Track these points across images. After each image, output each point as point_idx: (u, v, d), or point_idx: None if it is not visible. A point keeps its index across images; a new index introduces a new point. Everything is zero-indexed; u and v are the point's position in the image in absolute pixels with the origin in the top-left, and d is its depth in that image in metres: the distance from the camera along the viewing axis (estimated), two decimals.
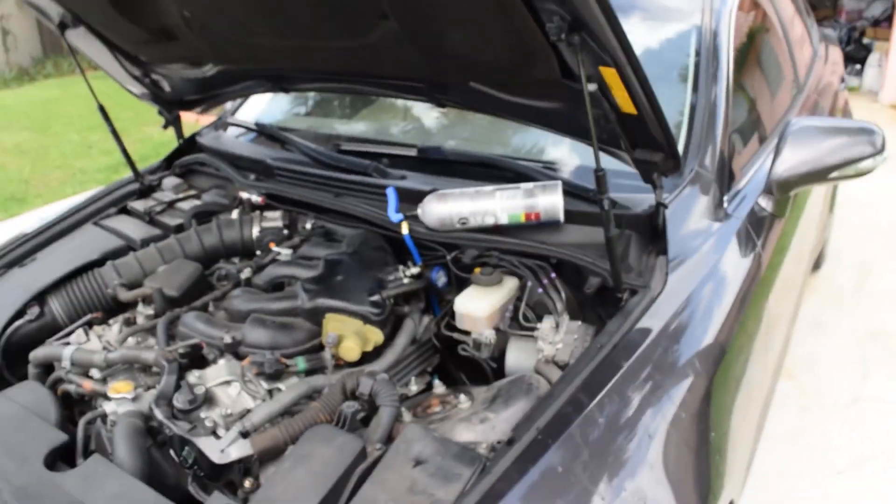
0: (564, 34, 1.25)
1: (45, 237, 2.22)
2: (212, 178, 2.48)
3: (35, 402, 1.57)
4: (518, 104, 1.70)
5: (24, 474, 1.34)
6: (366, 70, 1.90)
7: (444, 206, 1.80)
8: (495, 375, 1.80)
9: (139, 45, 2.22)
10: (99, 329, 1.88)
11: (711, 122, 2.02)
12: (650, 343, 1.50)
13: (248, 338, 1.69)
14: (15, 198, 6.03)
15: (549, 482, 1.20)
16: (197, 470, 1.40)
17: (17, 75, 11.05)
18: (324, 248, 1.98)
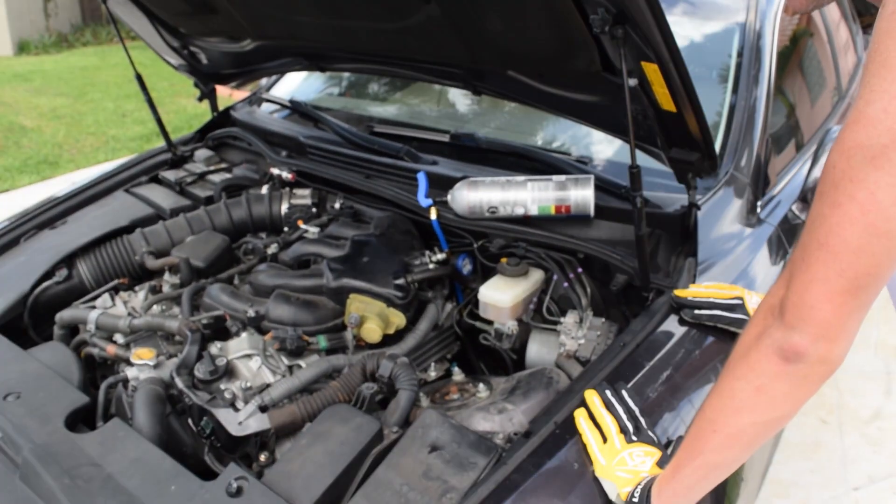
0: (608, 27, 1.23)
1: (76, 201, 2.25)
2: (243, 152, 2.49)
3: (59, 363, 1.59)
4: (555, 95, 1.69)
5: (45, 433, 1.35)
6: (404, 53, 1.89)
7: (474, 194, 1.79)
8: (515, 367, 1.80)
9: (179, 17, 2.23)
10: (125, 295, 1.90)
11: (750, 125, 1.99)
12: (673, 345, 1.49)
13: (272, 313, 1.70)
14: (48, 161, 6.10)
15: (563, 477, 1.19)
16: (214, 440, 1.41)
17: (56, 41, 11.16)
18: (351, 229, 1.98)
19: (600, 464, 1.19)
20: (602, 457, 1.20)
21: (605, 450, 1.21)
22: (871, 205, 0.83)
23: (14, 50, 10.56)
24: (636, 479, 1.15)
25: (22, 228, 2.11)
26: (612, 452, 1.20)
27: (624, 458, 1.19)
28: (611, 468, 1.18)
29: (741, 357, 1.00)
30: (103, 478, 1.25)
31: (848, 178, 0.85)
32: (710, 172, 1.60)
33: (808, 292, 0.89)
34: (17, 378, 1.50)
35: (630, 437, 1.22)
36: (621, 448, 1.20)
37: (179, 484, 1.24)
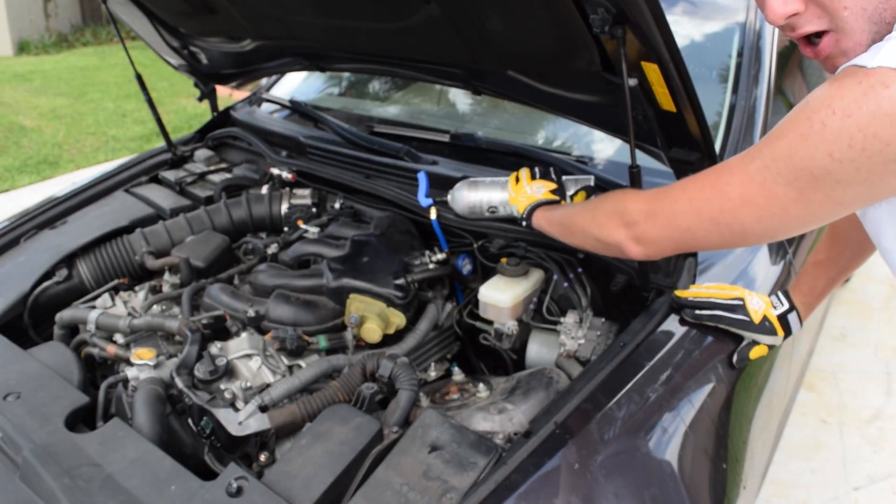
0: (608, 27, 1.23)
1: (76, 201, 2.25)
2: (243, 152, 2.49)
3: (59, 363, 1.59)
4: (555, 95, 1.69)
5: (45, 433, 1.35)
6: (404, 53, 1.89)
7: (473, 194, 1.79)
8: (515, 367, 1.80)
9: (179, 17, 2.23)
10: (125, 295, 1.90)
11: (750, 125, 1.99)
12: (673, 345, 1.49)
13: (272, 313, 1.70)
14: (48, 161, 6.10)
15: (564, 477, 1.19)
16: (214, 440, 1.41)
17: (56, 41, 11.16)
18: (351, 229, 1.98)
19: (511, 195, 1.69)
20: (511, 190, 1.70)
21: (516, 187, 1.68)
22: (725, 196, 1.04)
23: (14, 50, 10.56)
24: (528, 200, 1.63)
25: (22, 228, 2.11)
26: (519, 187, 1.67)
27: (525, 190, 1.65)
28: (516, 198, 1.67)
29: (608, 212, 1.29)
30: (103, 478, 1.25)
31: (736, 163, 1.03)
32: None
33: (655, 219, 1.16)
34: (17, 378, 1.50)
35: (534, 175, 1.68)
36: (526, 183, 1.67)
37: (179, 484, 1.24)
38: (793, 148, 0.92)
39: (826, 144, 0.88)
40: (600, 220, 1.29)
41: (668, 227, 1.15)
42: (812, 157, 0.90)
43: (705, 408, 1.41)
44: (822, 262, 1.53)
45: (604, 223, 1.28)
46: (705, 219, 1.07)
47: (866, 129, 0.84)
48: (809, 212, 0.96)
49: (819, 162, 0.90)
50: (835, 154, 0.88)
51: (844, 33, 0.97)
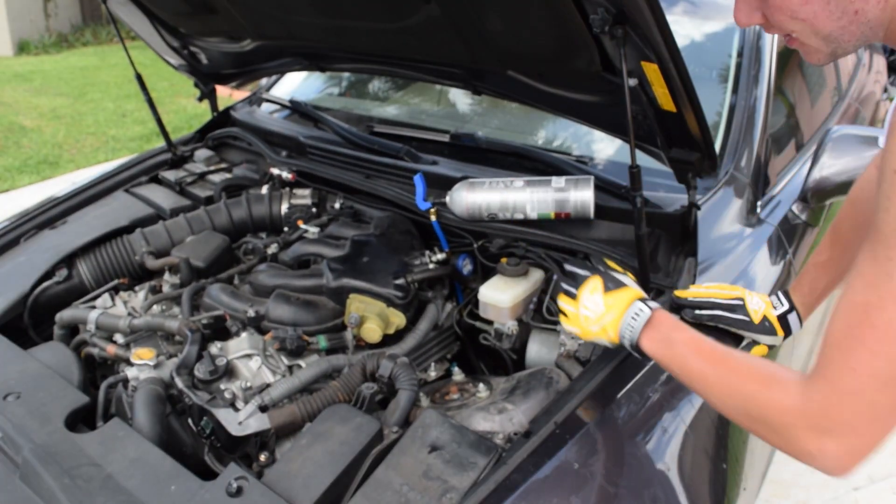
0: (608, 27, 1.23)
1: (76, 201, 2.25)
2: (243, 152, 2.49)
3: (59, 363, 1.59)
4: (555, 95, 1.69)
5: (45, 433, 1.35)
6: (404, 53, 1.89)
7: (473, 196, 1.79)
8: (515, 367, 1.79)
9: (179, 17, 2.23)
10: (125, 295, 1.90)
11: (750, 125, 1.99)
12: None
13: (272, 313, 1.70)
14: (48, 161, 6.11)
15: (563, 477, 1.19)
16: (214, 440, 1.41)
17: (56, 41, 11.17)
18: (351, 229, 1.98)
19: (580, 333, 1.32)
20: (575, 327, 1.32)
21: (572, 321, 1.32)
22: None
23: (14, 50, 10.57)
24: (605, 326, 1.26)
25: (22, 228, 2.11)
26: (575, 319, 1.31)
27: (586, 316, 1.29)
28: (587, 332, 1.30)
29: (766, 378, 0.98)
30: (103, 478, 1.25)
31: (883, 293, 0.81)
32: (710, 172, 1.60)
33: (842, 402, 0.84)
34: (17, 378, 1.50)
35: (573, 294, 1.33)
36: (576, 310, 1.31)
37: (179, 484, 1.24)
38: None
39: None
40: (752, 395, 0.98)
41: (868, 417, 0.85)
42: None
43: (705, 408, 1.41)
44: (824, 264, 1.53)
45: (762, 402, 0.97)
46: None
47: None
48: None
49: None
50: None
51: (805, 36, 1.01)
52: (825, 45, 1.01)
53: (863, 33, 0.99)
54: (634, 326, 1.22)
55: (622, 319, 1.23)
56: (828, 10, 0.96)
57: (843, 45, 1.01)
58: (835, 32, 0.99)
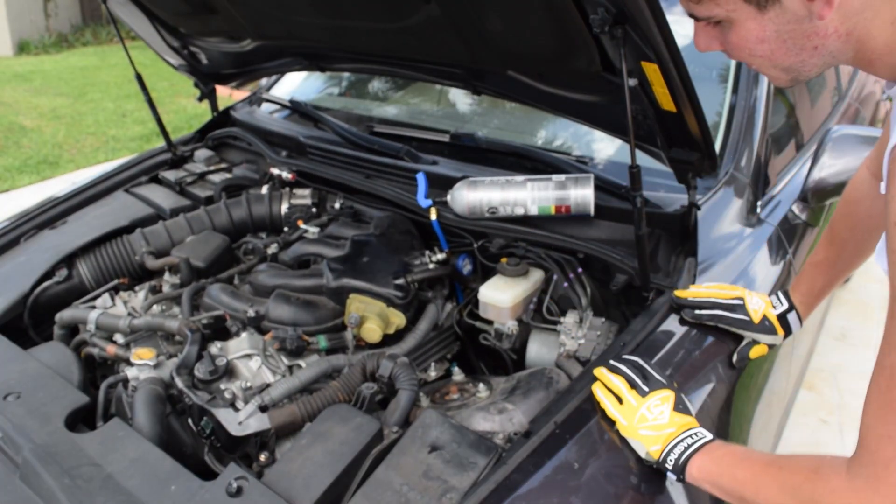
0: (608, 27, 1.23)
1: (76, 201, 2.25)
2: (243, 152, 2.49)
3: (59, 363, 1.59)
4: (555, 95, 1.69)
5: (45, 433, 1.35)
6: (404, 53, 1.89)
7: (473, 194, 1.80)
8: (515, 367, 1.80)
9: (179, 17, 2.23)
10: (125, 295, 1.90)
11: (750, 125, 1.99)
12: (673, 345, 1.48)
13: (272, 313, 1.70)
14: (48, 161, 6.11)
15: (564, 477, 1.19)
16: (214, 440, 1.41)
17: (56, 41, 11.17)
18: (351, 229, 1.98)
19: (622, 424, 1.23)
20: (622, 417, 1.23)
21: (624, 410, 1.23)
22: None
23: (14, 50, 10.57)
24: (660, 436, 1.18)
25: (22, 228, 2.11)
26: (630, 411, 1.23)
27: (643, 415, 1.21)
28: (633, 427, 1.21)
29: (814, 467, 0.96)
30: (103, 478, 1.25)
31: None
32: (710, 172, 1.60)
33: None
34: (17, 378, 1.50)
35: (642, 391, 1.24)
36: (637, 405, 1.23)
37: (179, 484, 1.24)
38: None
39: None
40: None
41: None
42: None
43: (705, 408, 1.41)
44: (821, 263, 1.53)
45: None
46: None
47: None
48: None
49: None
50: None
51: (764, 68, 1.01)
52: (785, 74, 1.01)
53: (825, 62, 0.98)
54: (690, 445, 1.15)
55: (676, 438, 1.18)
56: (785, 48, 0.96)
57: (804, 73, 1.00)
58: (794, 65, 0.99)
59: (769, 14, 0.92)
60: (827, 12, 0.88)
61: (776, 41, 0.95)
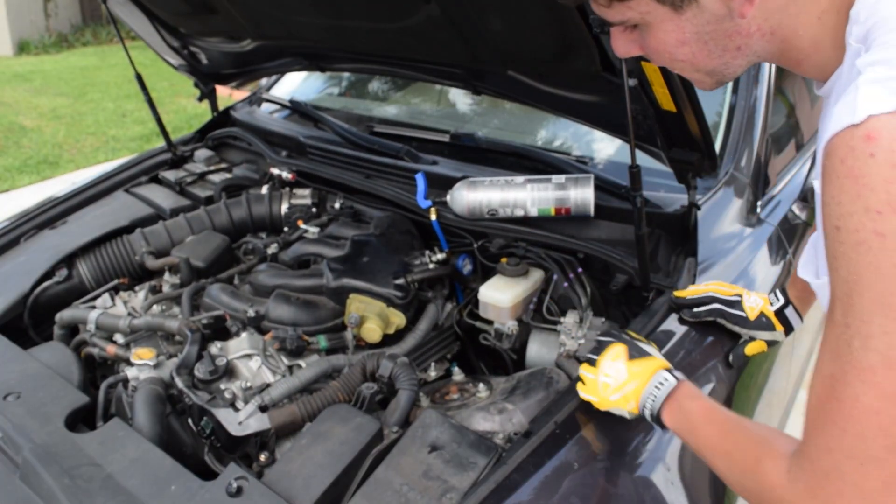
0: (608, 26, 1.23)
1: (76, 201, 2.25)
2: (243, 152, 2.49)
3: (59, 363, 1.59)
4: (555, 95, 1.69)
5: (45, 433, 1.35)
6: (404, 53, 1.89)
7: (473, 195, 1.79)
8: (515, 367, 1.80)
9: (179, 17, 2.23)
10: (125, 295, 1.90)
11: (750, 125, 1.99)
12: (673, 345, 1.48)
13: (272, 313, 1.70)
14: (48, 161, 6.10)
15: (564, 477, 1.19)
16: (214, 440, 1.41)
17: (56, 41, 11.17)
18: (351, 229, 1.98)
19: (595, 402, 1.24)
20: (591, 395, 1.24)
21: (588, 388, 1.25)
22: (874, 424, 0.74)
23: (14, 50, 10.57)
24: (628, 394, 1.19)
25: (22, 228, 2.11)
26: (592, 385, 1.24)
27: (605, 382, 1.22)
28: (604, 399, 1.22)
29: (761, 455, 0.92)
30: (103, 478, 1.25)
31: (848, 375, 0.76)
32: (710, 172, 1.60)
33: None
34: (17, 378, 1.50)
35: (592, 361, 1.27)
36: (595, 376, 1.24)
37: (179, 484, 1.24)
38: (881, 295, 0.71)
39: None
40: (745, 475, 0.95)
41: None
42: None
43: None
44: None
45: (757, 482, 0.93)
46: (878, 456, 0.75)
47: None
48: None
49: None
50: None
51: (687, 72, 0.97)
52: (709, 77, 0.97)
53: (749, 62, 0.93)
54: (657, 396, 1.14)
55: (645, 389, 1.16)
56: (706, 50, 0.91)
57: (728, 75, 0.96)
58: (718, 68, 0.94)
59: (686, 14, 0.86)
60: (748, 10, 0.83)
61: (697, 43, 0.90)
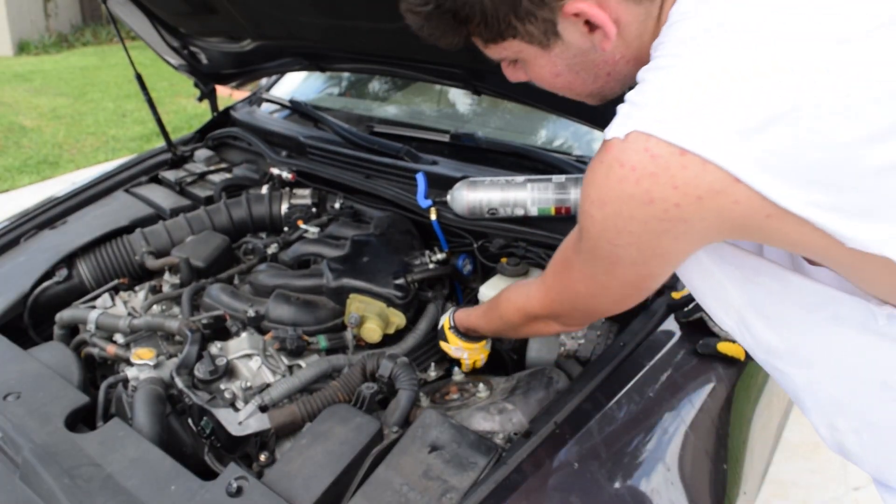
0: None
1: (76, 201, 2.25)
2: (243, 152, 2.49)
3: (59, 363, 1.59)
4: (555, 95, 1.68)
5: (45, 433, 1.35)
6: (404, 53, 1.89)
7: (473, 194, 1.79)
8: (515, 367, 1.80)
9: (179, 17, 2.23)
10: (125, 295, 1.90)
11: None
12: (673, 345, 1.49)
13: (272, 313, 1.70)
14: (48, 161, 6.10)
15: (564, 476, 1.19)
16: (214, 440, 1.41)
17: (56, 41, 11.17)
18: (351, 229, 1.98)
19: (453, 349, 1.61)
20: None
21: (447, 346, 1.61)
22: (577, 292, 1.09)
23: (14, 50, 10.57)
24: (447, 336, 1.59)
25: (22, 228, 2.11)
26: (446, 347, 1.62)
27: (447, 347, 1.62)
28: (446, 346, 1.62)
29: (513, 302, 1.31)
30: (103, 478, 1.25)
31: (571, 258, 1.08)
32: None
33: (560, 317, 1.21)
34: (17, 378, 1.50)
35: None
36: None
37: (179, 484, 1.24)
38: (589, 242, 0.92)
39: (604, 235, 0.87)
40: (520, 331, 1.34)
41: (578, 317, 1.19)
42: (602, 248, 0.90)
43: (705, 408, 1.41)
44: None
45: (526, 332, 1.33)
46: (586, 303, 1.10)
47: (622, 213, 0.82)
48: (633, 288, 0.99)
49: (609, 251, 0.89)
50: (614, 241, 0.87)
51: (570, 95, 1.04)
52: (591, 99, 1.03)
53: (624, 83, 0.98)
54: (446, 318, 1.57)
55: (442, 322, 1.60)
56: (580, 79, 0.97)
57: (610, 95, 1.01)
58: (595, 92, 1.00)
59: (555, 51, 0.93)
60: (607, 44, 0.89)
61: (570, 73, 0.96)
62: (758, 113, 0.72)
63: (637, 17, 0.87)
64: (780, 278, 0.92)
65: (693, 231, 0.81)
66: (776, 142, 0.72)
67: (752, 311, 0.97)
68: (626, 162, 0.79)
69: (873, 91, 0.71)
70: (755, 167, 0.73)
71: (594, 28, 0.88)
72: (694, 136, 0.74)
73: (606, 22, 0.86)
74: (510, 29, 0.91)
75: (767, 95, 0.72)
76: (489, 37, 0.95)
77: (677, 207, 0.78)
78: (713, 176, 0.74)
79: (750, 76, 0.73)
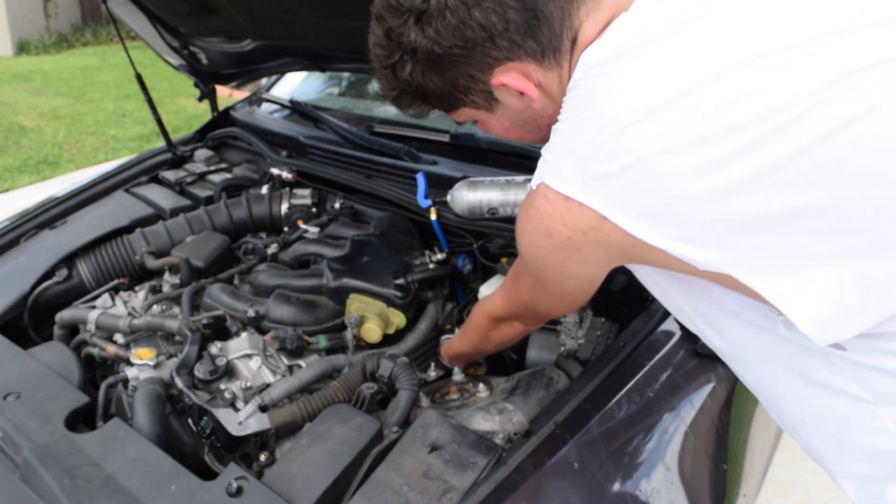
0: None
1: (76, 201, 2.25)
2: (243, 152, 2.49)
3: (59, 363, 1.59)
4: None
5: (45, 433, 1.35)
6: None
7: (473, 194, 1.79)
8: (515, 367, 1.80)
9: (179, 17, 2.23)
10: (125, 295, 1.90)
11: None
12: (673, 345, 1.49)
13: (272, 313, 1.70)
14: (48, 161, 6.10)
15: (564, 476, 1.19)
16: (214, 440, 1.41)
17: (56, 41, 11.17)
18: (351, 229, 1.98)
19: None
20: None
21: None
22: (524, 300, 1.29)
23: (14, 50, 10.57)
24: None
25: (22, 228, 2.11)
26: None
27: None
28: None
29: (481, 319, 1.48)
30: (103, 478, 1.25)
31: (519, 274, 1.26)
32: None
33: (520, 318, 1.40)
34: (17, 378, 1.50)
35: None
36: None
37: (179, 484, 1.24)
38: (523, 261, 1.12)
39: (528, 258, 1.07)
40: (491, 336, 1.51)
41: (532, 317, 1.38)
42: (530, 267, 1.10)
43: (705, 408, 1.41)
44: None
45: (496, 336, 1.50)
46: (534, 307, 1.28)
47: (535, 243, 1.01)
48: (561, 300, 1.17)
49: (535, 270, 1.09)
50: (535, 264, 1.06)
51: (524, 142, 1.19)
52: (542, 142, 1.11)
53: None
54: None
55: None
56: (525, 131, 1.13)
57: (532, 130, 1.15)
58: (541, 139, 1.11)
59: (499, 112, 1.09)
60: (535, 104, 1.05)
61: (517, 128, 1.13)
62: (612, 164, 0.86)
63: (553, 80, 1.02)
64: (706, 287, 1.02)
65: (590, 257, 0.98)
66: (626, 186, 0.86)
67: (699, 318, 1.10)
68: (535, 205, 0.98)
69: (700, 129, 0.82)
70: (613, 208, 0.88)
71: (522, 92, 1.03)
72: (571, 186, 0.91)
73: (528, 87, 1.02)
74: (459, 101, 1.08)
75: (618, 149, 0.86)
76: (446, 107, 1.11)
77: (570, 240, 0.95)
78: (589, 215, 0.90)
79: (609, 135, 0.87)
